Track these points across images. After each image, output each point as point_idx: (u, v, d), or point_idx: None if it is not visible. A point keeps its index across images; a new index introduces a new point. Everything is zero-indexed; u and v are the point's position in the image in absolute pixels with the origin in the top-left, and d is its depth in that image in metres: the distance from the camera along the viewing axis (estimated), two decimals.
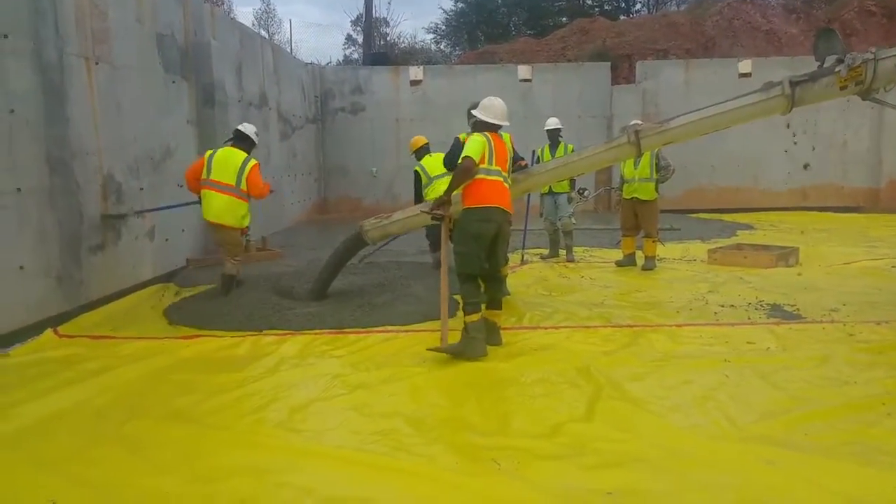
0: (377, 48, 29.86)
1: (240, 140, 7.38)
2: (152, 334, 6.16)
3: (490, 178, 5.45)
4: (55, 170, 6.29)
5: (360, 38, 35.34)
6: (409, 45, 34.23)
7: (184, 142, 9.09)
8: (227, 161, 7.15)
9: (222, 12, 14.81)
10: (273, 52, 13.63)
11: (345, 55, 35.91)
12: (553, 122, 9.62)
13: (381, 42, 33.69)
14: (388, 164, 16.49)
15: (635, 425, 3.96)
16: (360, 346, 5.72)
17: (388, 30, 36.09)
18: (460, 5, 31.61)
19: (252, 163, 7.21)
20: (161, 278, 8.24)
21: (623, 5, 31.68)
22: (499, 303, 5.72)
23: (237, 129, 7.48)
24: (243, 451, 3.68)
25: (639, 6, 31.89)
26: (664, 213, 10.32)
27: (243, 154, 7.25)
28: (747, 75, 15.69)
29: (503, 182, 5.55)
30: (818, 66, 6.02)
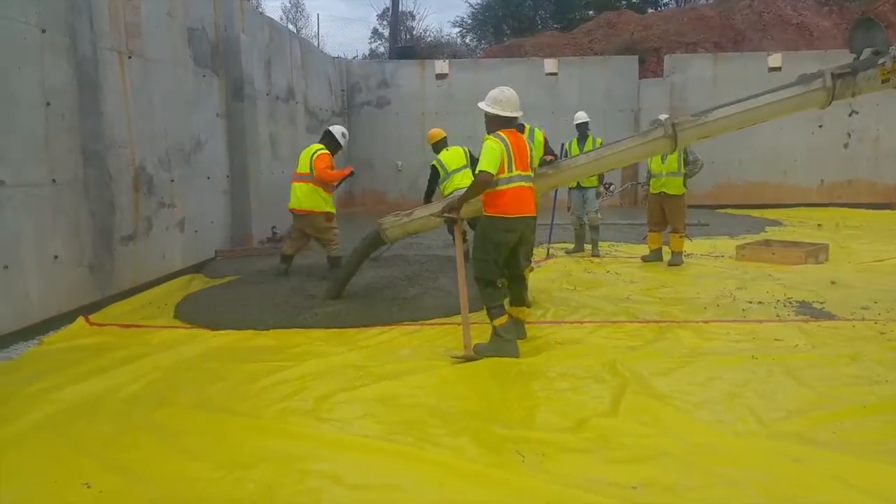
0: (403, 42, 29.92)
1: (325, 137, 8.05)
2: (181, 323, 6.26)
3: (511, 186, 5.12)
4: (89, 162, 6.41)
5: (386, 32, 35.45)
6: (435, 38, 34.25)
7: (213, 135, 9.21)
8: (305, 154, 7.89)
9: (251, 7, 14.92)
10: (301, 47, 13.72)
11: (370, 49, 36.06)
12: (581, 116, 9.59)
13: (407, 36, 33.74)
14: (413, 158, 16.50)
15: (661, 420, 3.94)
16: (386, 338, 5.76)
17: (414, 24, 36.17)
18: None
19: (320, 150, 7.81)
20: (190, 269, 8.37)
21: None
22: (523, 300, 5.60)
23: (326, 129, 8.17)
24: (271, 439, 3.73)
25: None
26: (692, 208, 10.24)
27: (318, 145, 7.92)
28: (777, 69, 15.49)
29: (525, 186, 5.24)
30: (854, 58, 5.88)
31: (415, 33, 34.81)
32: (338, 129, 8.12)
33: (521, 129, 5.60)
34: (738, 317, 6.30)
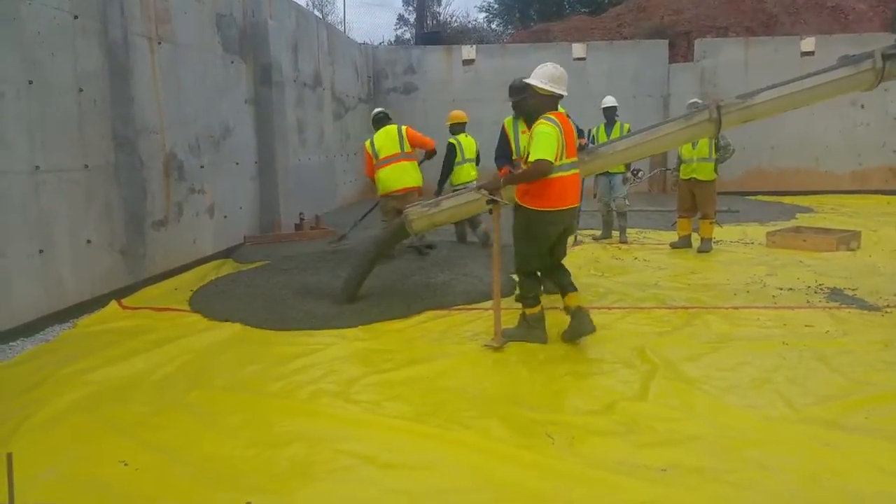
0: (429, 28, 29.82)
1: (384, 120, 8.30)
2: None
3: (563, 174, 4.87)
4: (121, 147, 6.50)
5: (411, 18, 35.38)
6: (462, 24, 34.09)
7: (242, 121, 9.27)
8: (386, 137, 8.07)
9: None
10: (328, 32, 13.74)
11: (396, 35, 36.03)
12: (609, 101, 9.49)
13: (434, 21, 33.62)
14: (440, 144, 16.37)
15: (690, 405, 3.94)
16: (416, 321, 5.80)
17: (440, 9, 36.03)
18: None
19: (403, 126, 8.17)
20: (220, 254, 8.46)
21: None
22: (571, 284, 5.20)
23: (378, 112, 8.47)
24: (302, 420, 3.78)
25: None
26: (722, 194, 10.12)
27: (394, 125, 8.20)
28: (810, 53, 15.21)
29: (574, 174, 5.01)
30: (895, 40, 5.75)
31: (441, 19, 34.68)
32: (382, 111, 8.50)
33: None
34: (769, 303, 6.23)
